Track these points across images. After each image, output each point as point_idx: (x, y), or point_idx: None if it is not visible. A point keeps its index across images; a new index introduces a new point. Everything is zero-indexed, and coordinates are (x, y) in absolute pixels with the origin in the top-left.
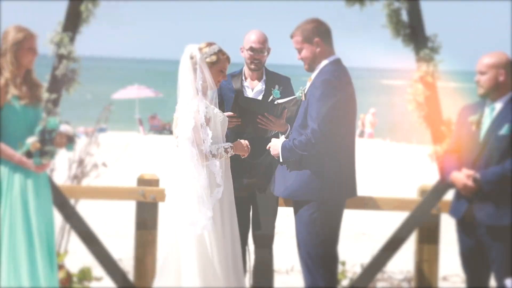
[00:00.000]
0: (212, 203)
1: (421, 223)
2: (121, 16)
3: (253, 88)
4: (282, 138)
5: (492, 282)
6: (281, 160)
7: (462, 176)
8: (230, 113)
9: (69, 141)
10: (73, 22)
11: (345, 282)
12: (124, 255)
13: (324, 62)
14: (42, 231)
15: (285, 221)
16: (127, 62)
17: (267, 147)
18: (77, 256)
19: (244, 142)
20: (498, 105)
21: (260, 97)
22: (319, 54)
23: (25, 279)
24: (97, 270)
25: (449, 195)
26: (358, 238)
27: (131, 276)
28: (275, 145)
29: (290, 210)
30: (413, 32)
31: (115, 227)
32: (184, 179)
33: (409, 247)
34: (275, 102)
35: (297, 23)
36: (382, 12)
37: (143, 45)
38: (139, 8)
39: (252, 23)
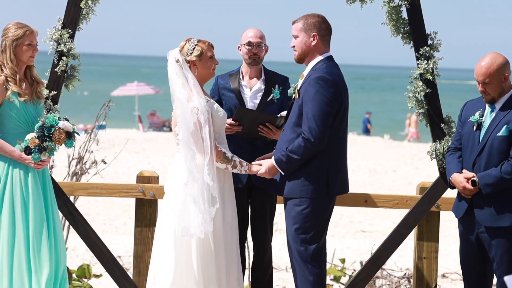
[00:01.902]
0: (214, 204)
1: (421, 221)
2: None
3: (251, 88)
4: (269, 160)
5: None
6: (283, 174)
7: (462, 179)
8: (232, 122)
9: (68, 137)
10: (73, 18)
11: (344, 279)
12: (123, 252)
13: (318, 59)
14: (43, 227)
15: (284, 218)
16: (127, 60)
17: (259, 172)
18: (76, 253)
19: (256, 170)
20: (498, 105)
21: (259, 96)
22: (312, 49)
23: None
24: (96, 267)
25: (449, 193)
26: (358, 236)
27: (130, 273)
28: (269, 167)
29: None
30: (413, 30)
31: (114, 224)
32: (185, 178)
33: (409, 244)
34: (278, 116)
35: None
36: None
37: (143, 43)
38: (140, 6)
39: (253, 20)
